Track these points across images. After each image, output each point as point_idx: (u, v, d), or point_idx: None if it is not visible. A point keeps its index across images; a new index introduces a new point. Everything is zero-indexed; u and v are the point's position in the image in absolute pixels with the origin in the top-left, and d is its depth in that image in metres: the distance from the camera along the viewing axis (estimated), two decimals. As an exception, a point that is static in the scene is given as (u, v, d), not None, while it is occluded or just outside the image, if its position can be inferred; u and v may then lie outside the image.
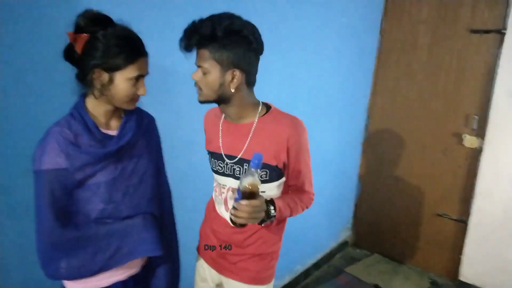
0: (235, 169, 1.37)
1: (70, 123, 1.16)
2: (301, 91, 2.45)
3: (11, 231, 1.30)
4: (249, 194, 1.19)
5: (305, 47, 2.41)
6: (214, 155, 1.43)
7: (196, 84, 1.28)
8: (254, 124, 1.35)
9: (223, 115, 1.42)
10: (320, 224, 3.10)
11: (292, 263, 2.82)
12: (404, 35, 3.14)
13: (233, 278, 1.48)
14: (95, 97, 1.17)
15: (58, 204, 1.14)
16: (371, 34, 3.20)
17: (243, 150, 1.35)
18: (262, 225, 1.37)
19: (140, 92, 1.19)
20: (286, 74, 2.29)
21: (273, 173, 1.36)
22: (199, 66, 1.25)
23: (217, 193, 1.48)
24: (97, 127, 1.20)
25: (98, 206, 1.19)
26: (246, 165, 1.35)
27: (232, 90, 1.26)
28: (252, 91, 1.35)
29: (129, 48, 1.14)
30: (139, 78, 1.18)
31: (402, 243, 3.37)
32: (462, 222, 3.03)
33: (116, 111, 1.25)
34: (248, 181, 1.18)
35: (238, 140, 1.37)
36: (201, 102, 1.31)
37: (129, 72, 1.14)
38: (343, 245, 3.53)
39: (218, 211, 1.48)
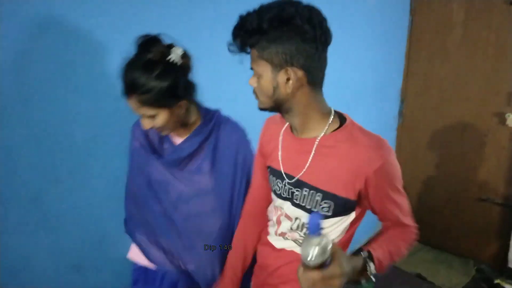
0: (294, 192, 1.13)
1: None
2: (331, 76, 2.36)
3: (43, 240, 1.32)
4: (308, 266, 0.83)
5: (333, 29, 2.31)
6: (274, 172, 1.19)
7: (253, 91, 1.07)
8: (317, 140, 1.07)
9: (286, 124, 1.18)
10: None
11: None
12: (436, 13, 2.98)
13: None
14: None
15: (139, 180, 1.31)
16: (402, 14, 3.05)
17: (303, 171, 1.09)
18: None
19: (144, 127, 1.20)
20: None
21: (339, 207, 1.08)
22: (253, 68, 1.04)
23: (272, 214, 1.25)
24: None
25: (157, 203, 1.30)
26: (307, 190, 1.09)
27: (289, 93, 1.00)
28: (320, 95, 1.07)
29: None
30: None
31: (443, 230, 3.23)
32: (508, 207, 2.88)
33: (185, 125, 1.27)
34: (305, 249, 0.81)
35: (299, 157, 1.11)
36: (260, 109, 1.09)
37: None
38: (381, 235, 3.44)
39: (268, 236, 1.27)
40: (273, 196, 1.22)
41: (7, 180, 1.18)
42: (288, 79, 0.98)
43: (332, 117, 1.08)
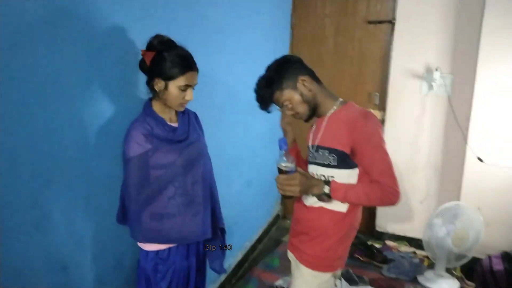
0: (315, 156, 1.58)
1: (146, 119, 1.52)
2: (218, 89, 2.52)
3: (39, 243, 1.35)
4: (279, 171, 1.46)
5: (222, 46, 2.49)
6: (307, 148, 1.67)
7: (294, 116, 1.59)
8: (328, 115, 1.56)
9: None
10: (258, 202, 3.43)
11: (242, 240, 3.12)
12: (312, 28, 3.59)
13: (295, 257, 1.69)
14: (157, 100, 1.54)
15: (143, 181, 1.48)
16: (283, 29, 3.58)
17: (319, 137, 1.57)
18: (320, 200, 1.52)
19: (187, 97, 1.53)
20: (203, 75, 2.52)
21: (341, 159, 1.47)
22: (283, 106, 1.56)
23: None
24: (164, 120, 1.55)
25: (171, 184, 1.54)
26: (321, 151, 1.54)
27: (310, 92, 1.53)
28: (325, 88, 1.60)
29: (181, 64, 1.47)
30: (187, 87, 1.50)
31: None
32: (374, 183, 3.62)
33: (173, 109, 1.56)
34: (277, 161, 1.46)
35: (318, 131, 1.59)
36: (306, 121, 1.61)
37: (179, 81, 1.48)
38: (276, 218, 3.93)
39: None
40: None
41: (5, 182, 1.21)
42: (304, 85, 1.53)
43: (339, 102, 1.57)
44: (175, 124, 1.61)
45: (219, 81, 2.45)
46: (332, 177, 1.50)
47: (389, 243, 3.50)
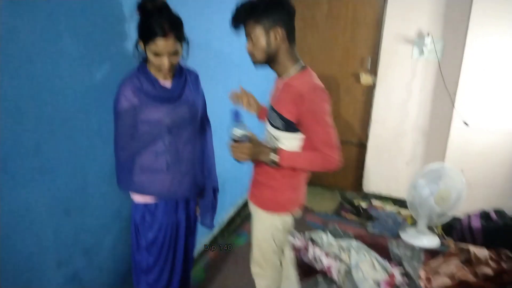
0: (270, 114, 1.65)
1: (138, 76, 1.56)
2: (212, 52, 2.76)
3: (42, 186, 1.44)
4: (233, 139, 1.56)
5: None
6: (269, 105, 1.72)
7: (250, 53, 1.57)
8: (285, 79, 1.59)
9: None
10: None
11: (234, 196, 3.25)
12: (307, -10, 3.59)
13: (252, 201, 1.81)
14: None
15: (131, 134, 1.57)
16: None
17: (275, 99, 1.63)
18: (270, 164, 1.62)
19: (162, 64, 1.50)
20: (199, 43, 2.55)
21: (288, 126, 1.57)
22: (248, 37, 1.54)
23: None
24: (157, 80, 1.55)
25: (159, 140, 1.59)
26: (274, 113, 1.60)
27: (276, 47, 1.52)
28: (294, 50, 1.59)
29: (151, 30, 1.44)
30: (158, 53, 1.48)
31: (316, 170, 4.00)
32: (363, 145, 3.75)
33: (170, 70, 1.56)
34: (231, 130, 1.56)
35: (276, 91, 1.65)
36: (255, 64, 1.60)
37: (152, 47, 1.47)
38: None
39: None
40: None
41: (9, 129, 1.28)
42: (276, 37, 1.51)
43: (298, 66, 1.59)
44: (168, 84, 1.63)
45: (212, 47, 2.50)
46: (278, 139, 1.62)
47: (375, 202, 3.66)
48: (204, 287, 2.48)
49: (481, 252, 2.51)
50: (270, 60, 1.58)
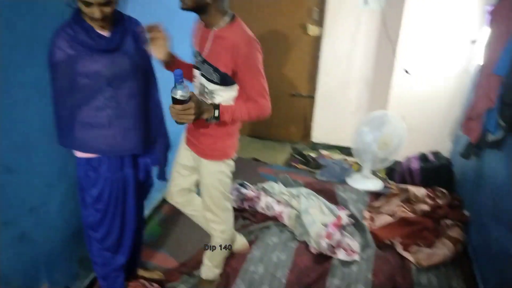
0: (202, 67, 1.64)
1: (71, 25, 1.47)
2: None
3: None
4: (174, 100, 1.48)
5: None
6: (195, 52, 1.70)
7: None
8: (215, 30, 1.58)
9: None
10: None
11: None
12: None
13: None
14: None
15: (68, 88, 1.50)
16: None
17: (206, 51, 1.62)
18: (209, 122, 1.65)
19: (94, 16, 1.42)
20: None
21: (223, 79, 1.59)
22: None
23: (194, 83, 1.75)
24: (92, 28, 1.47)
25: (99, 94, 1.54)
26: (207, 66, 1.60)
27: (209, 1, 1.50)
28: (223, 2, 1.57)
29: None
30: (89, 4, 1.39)
31: (267, 124, 4.01)
32: (311, 97, 3.83)
33: (105, 20, 1.48)
34: (172, 91, 1.47)
35: (204, 41, 1.63)
36: (183, 8, 1.54)
37: None
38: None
39: None
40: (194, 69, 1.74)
41: None
42: None
43: (227, 18, 1.59)
44: (106, 33, 1.54)
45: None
46: (214, 92, 1.65)
47: (323, 152, 3.79)
48: (161, 241, 2.52)
49: (419, 191, 2.72)
50: (199, 9, 1.55)
